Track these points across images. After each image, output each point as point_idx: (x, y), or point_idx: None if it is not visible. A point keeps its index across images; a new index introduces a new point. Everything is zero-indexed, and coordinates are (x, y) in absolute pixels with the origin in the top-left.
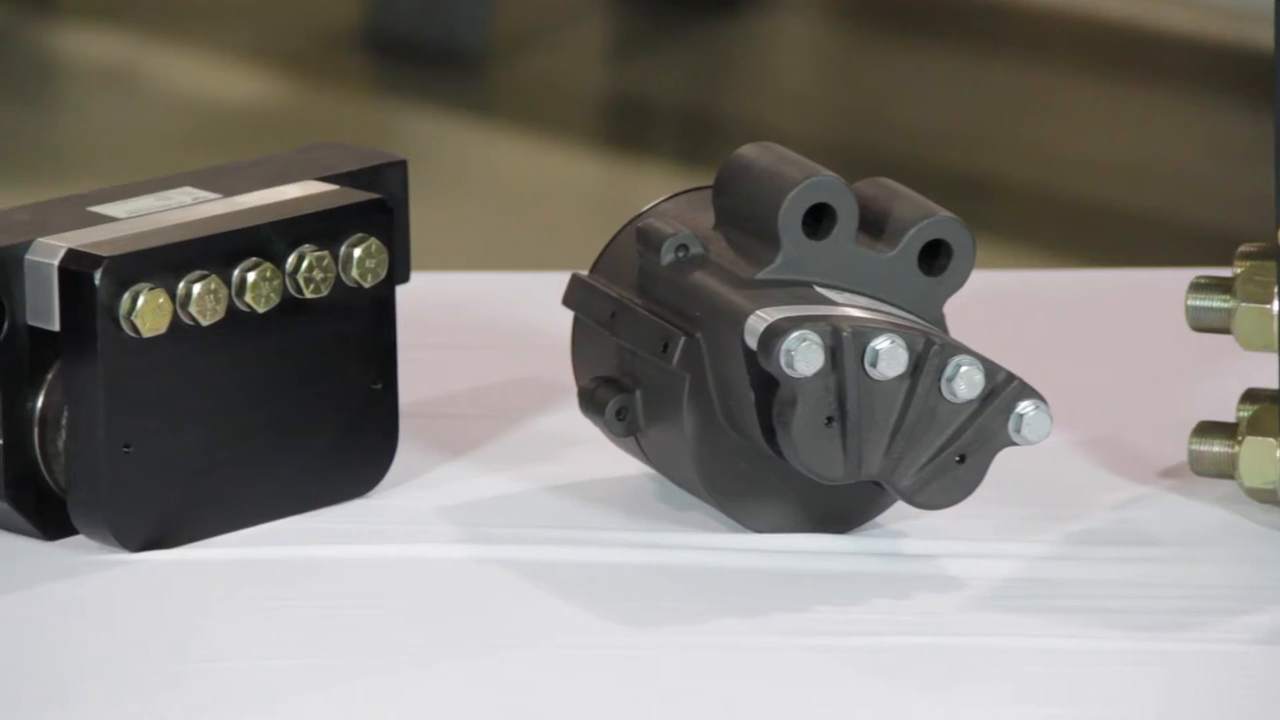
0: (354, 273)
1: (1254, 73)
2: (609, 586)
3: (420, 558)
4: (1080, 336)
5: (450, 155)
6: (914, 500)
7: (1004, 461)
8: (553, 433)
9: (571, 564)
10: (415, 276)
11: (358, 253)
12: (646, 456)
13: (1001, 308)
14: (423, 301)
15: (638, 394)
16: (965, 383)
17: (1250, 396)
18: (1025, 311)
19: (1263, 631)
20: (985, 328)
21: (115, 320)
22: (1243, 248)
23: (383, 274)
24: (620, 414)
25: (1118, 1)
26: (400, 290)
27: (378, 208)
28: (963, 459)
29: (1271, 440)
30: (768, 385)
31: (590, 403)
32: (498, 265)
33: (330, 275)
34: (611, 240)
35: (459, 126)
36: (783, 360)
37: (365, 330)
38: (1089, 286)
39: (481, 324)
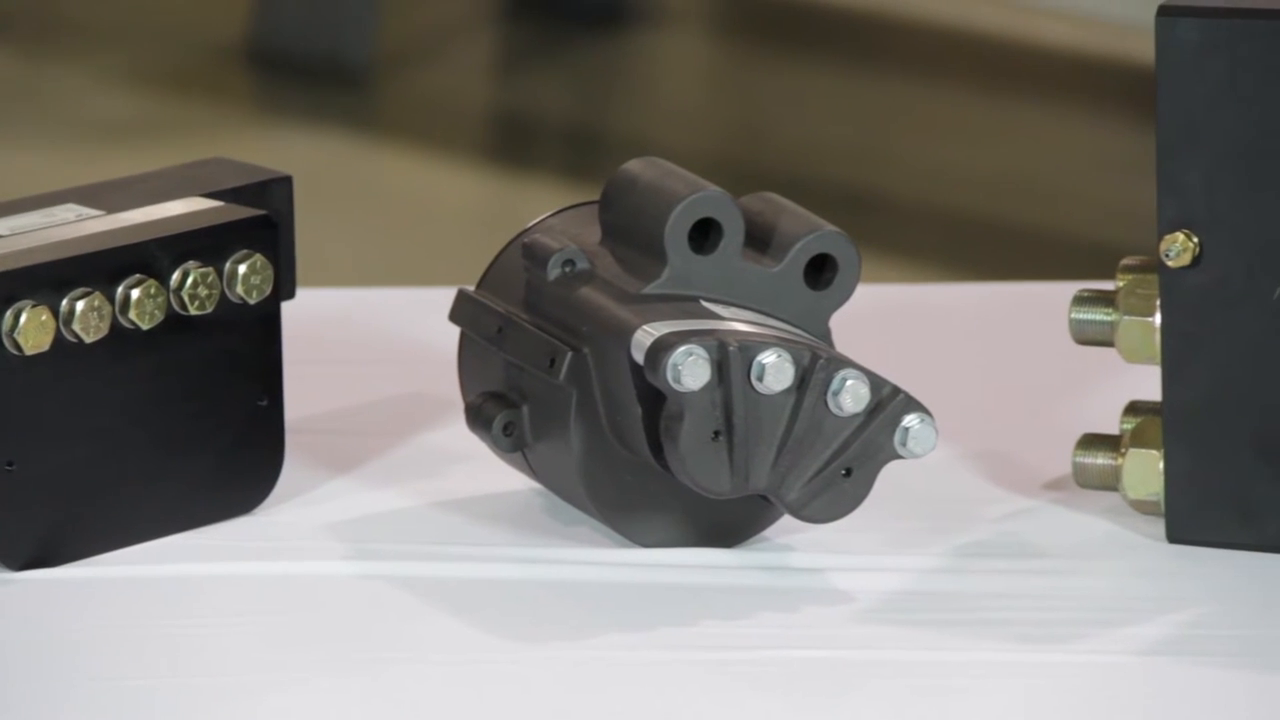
0: (239, 289)
1: (1136, 87)
2: (496, 602)
3: (306, 574)
4: (965, 350)
5: (336, 171)
6: (801, 514)
7: (890, 474)
8: (439, 448)
9: (458, 579)
10: (301, 292)
11: (243, 269)
12: (533, 471)
13: (887, 321)
14: (308, 318)
15: (525, 409)
16: (851, 396)
17: (1133, 409)
18: (910, 325)
19: (1147, 642)
20: (871, 341)
21: None
22: (1125, 261)
23: (268, 290)
24: (507, 429)
25: (1000, 15)
26: (286, 306)
27: (263, 224)
28: (849, 472)
29: (1154, 452)
30: (655, 400)
31: (477, 418)
32: (384, 281)
33: (215, 292)
34: (498, 256)
35: (344, 142)
36: (670, 375)
37: (251, 347)
38: (973, 300)
39: (368, 340)
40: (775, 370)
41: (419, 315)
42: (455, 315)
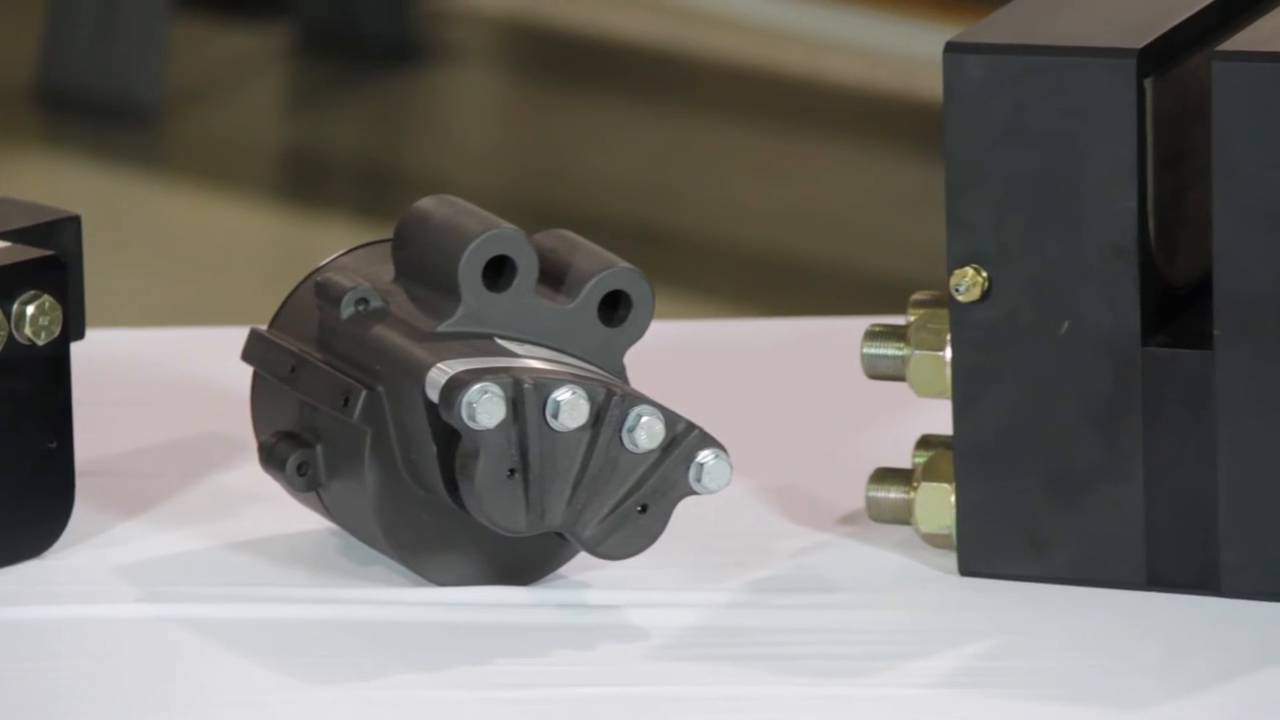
0: (27, 330)
1: (923, 123)
2: (291, 643)
3: (97, 618)
4: (758, 385)
5: (125, 210)
6: (596, 551)
7: (686, 510)
8: (233, 489)
9: (252, 621)
10: (90, 333)
11: (30, 310)
12: (328, 511)
13: (681, 358)
14: (98, 358)
15: (319, 449)
16: (646, 433)
17: (925, 443)
18: (704, 361)
19: (941, 675)
20: (665, 378)
21: None
22: (916, 296)
23: (56, 331)
24: (301, 469)
25: (788, 53)
26: (75, 347)
27: (51, 264)
28: (645, 509)
29: (946, 486)
30: (450, 438)
31: (271, 458)
32: (175, 321)
33: (2, 333)
34: (290, 295)
35: (134, 181)
36: (464, 413)
37: (39, 389)
38: (766, 336)
39: (159, 380)
40: (570, 407)
41: (211, 355)
42: (248, 355)
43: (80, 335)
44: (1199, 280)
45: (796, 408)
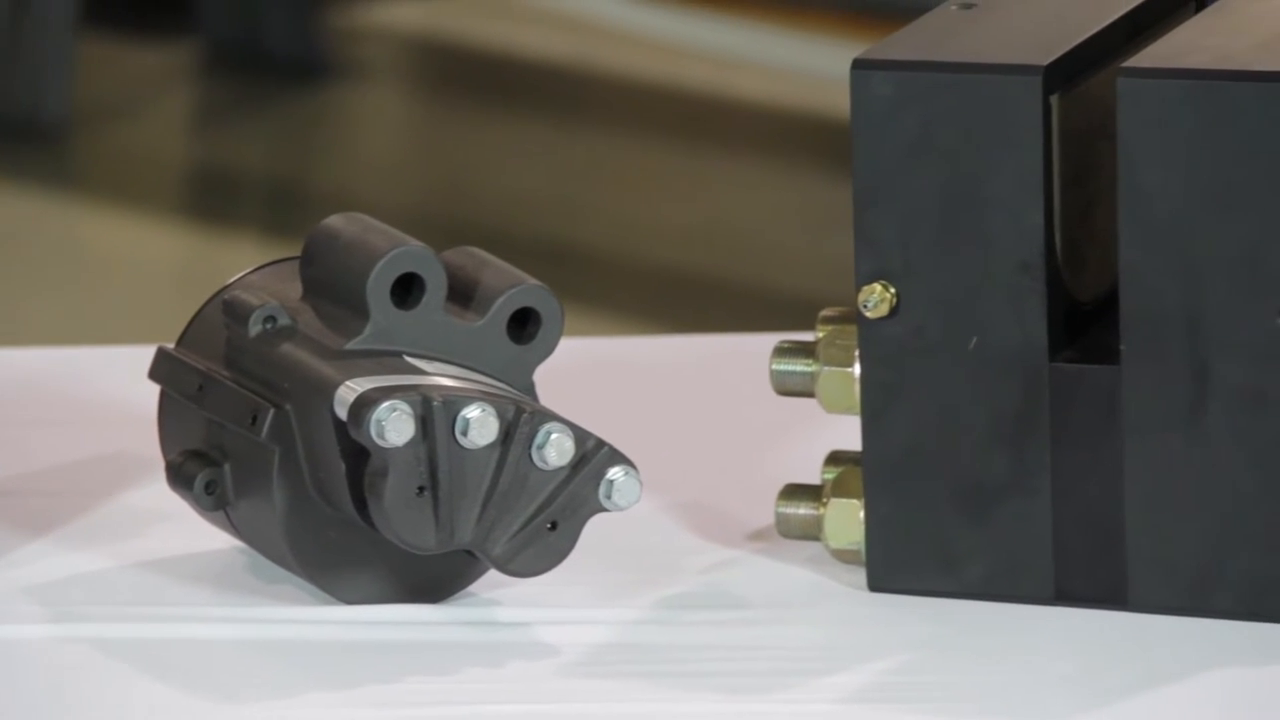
0: None
1: (831, 139)
2: (199, 662)
3: (3, 638)
4: (668, 402)
5: (32, 228)
6: (506, 568)
7: (595, 527)
8: (140, 508)
9: (161, 641)
10: None
11: None
12: (236, 530)
13: (590, 375)
14: (5, 378)
15: (227, 467)
16: (556, 450)
17: (834, 459)
18: (614, 378)
19: (850, 690)
20: (575, 395)
21: None
22: (824, 312)
23: None
24: (209, 488)
25: (694, 70)
26: None
27: None
28: (554, 526)
29: (855, 502)
30: (358, 456)
31: (178, 477)
32: (81, 340)
33: None
34: (198, 313)
35: (41, 199)
36: (373, 430)
37: None
38: (676, 352)
39: (65, 399)
40: (479, 425)
41: (118, 374)
42: (155, 373)
43: None
44: (1106, 296)
45: (706, 424)
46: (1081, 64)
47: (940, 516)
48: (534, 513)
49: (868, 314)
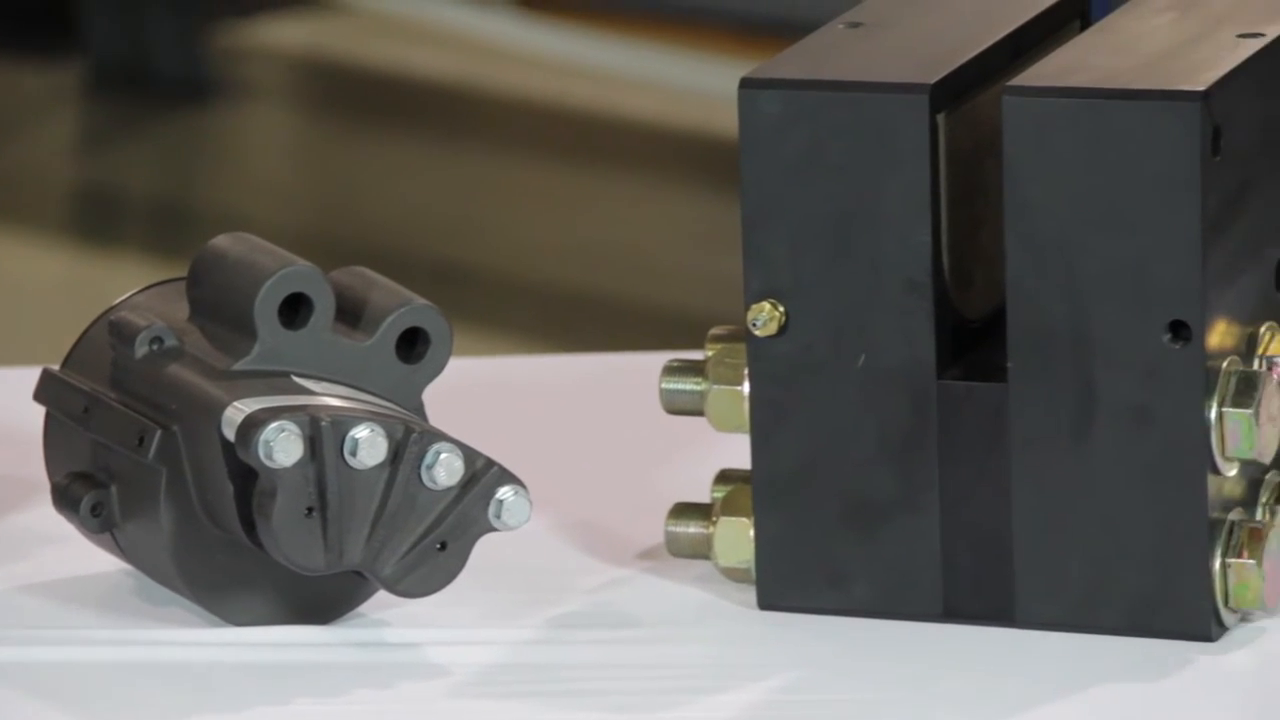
0: None
1: (719, 158)
2: (87, 686)
3: None
4: (557, 421)
5: None
6: (396, 589)
7: (485, 547)
8: (26, 530)
9: (47, 664)
10: None
11: None
12: (123, 552)
13: (480, 394)
14: None
15: (113, 489)
16: (445, 469)
17: (724, 477)
18: (503, 398)
19: (740, 708)
20: (464, 414)
21: None
22: (714, 331)
23: None
24: (95, 510)
25: (582, 89)
26: None
27: None
28: (444, 546)
29: (745, 520)
30: (247, 477)
31: (64, 499)
32: None
33: None
34: (83, 334)
35: None
36: (261, 451)
37: None
38: (564, 372)
39: None
40: (368, 445)
41: (2, 396)
42: (40, 395)
43: None
44: (993, 313)
45: (595, 443)
46: (968, 82)
47: (829, 534)
48: (424, 533)
49: (757, 332)
